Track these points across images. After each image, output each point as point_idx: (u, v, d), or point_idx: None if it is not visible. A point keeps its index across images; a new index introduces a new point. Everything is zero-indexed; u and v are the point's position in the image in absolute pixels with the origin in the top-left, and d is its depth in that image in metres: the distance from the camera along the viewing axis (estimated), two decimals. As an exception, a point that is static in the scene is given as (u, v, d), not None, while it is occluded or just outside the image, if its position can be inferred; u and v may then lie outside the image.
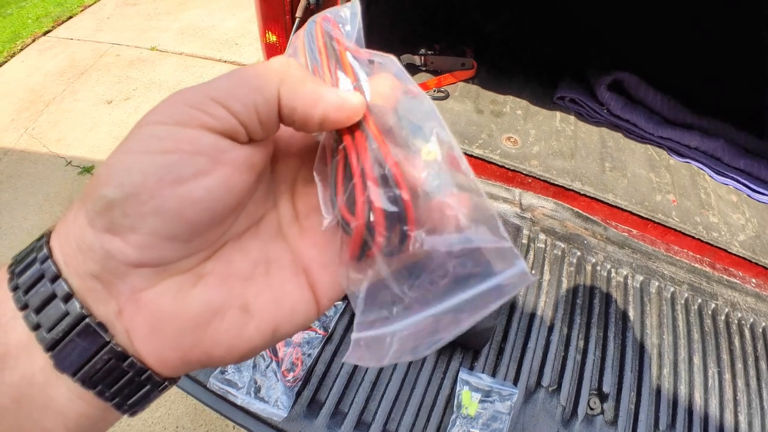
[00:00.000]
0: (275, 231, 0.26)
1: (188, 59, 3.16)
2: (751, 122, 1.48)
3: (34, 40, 3.35)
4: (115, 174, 0.20)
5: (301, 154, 0.28)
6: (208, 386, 0.85)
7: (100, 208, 0.20)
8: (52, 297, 0.21)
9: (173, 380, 0.24)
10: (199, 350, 0.22)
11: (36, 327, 0.20)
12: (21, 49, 3.28)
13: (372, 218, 0.21)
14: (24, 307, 0.21)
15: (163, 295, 0.21)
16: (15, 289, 0.21)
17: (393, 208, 0.21)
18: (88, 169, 2.44)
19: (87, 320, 0.20)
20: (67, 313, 0.20)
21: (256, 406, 0.84)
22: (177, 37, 3.37)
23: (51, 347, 0.20)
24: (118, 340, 0.21)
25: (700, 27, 1.56)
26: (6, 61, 3.19)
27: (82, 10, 3.69)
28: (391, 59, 0.24)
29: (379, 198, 0.21)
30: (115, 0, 3.85)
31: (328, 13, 0.28)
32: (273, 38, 1.18)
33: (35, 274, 0.21)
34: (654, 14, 1.61)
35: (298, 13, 1.06)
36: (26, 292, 0.21)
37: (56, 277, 0.21)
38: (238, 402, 0.84)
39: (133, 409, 0.23)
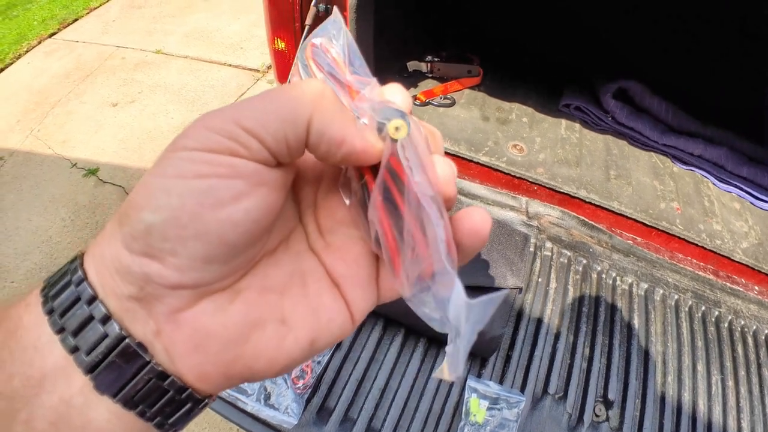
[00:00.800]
0: (305, 245, 0.26)
1: (193, 62, 3.17)
2: (753, 127, 1.49)
3: (39, 42, 3.37)
4: (152, 197, 0.20)
5: (319, 167, 0.28)
6: (218, 392, 0.86)
7: (138, 232, 0.20)
8: (90, 319, 0.21)
9: (212, 397, 0.24)
10: (240, 364, 0.22)
11: (74, 350, 0.20)
12: (27, 51, 3.29)
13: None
14: (60, 330, 0.21)
15: (202, 314, 0.22)
16: (50, 312, 0.21)
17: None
18: (93, 171, 2.45)
19: (127, 341, 0.20)
20: (105, 335, 0.20)
21: (266, 413, 0.84)
22: (182, 41, 3.38)
23: (90, 369, 0.20)
24: (158, 360, 0.21)
25: (703, 29, 1.57)
26: (12, 63, 3.20)
27: (88, 13, 3.71)
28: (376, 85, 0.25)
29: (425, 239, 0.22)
30: (121, 3, 3.86)
31: (315, 39, 0.27)
32: (282, 45, 1.20)
33: (71, 296, 0.21)
34: (658, 19, 1.62)
35: (308, 21, 1.07)
36: (62, 315, 0.21)
37: (93, 299, 0.21)
38: (248, 409, 0.85)
39: (174, 428, 0.23)
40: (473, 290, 0.89)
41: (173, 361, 0.21)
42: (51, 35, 3.45)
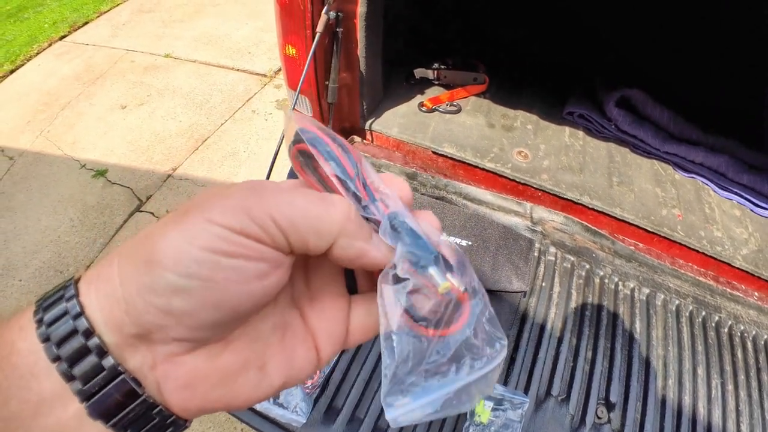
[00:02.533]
0: (289, 301, 0.29)
1: (202, 67, 3.21)
2: (753, 129, 1.51)
3: (50, 45, 3.42)
4: (182, 263, 0.22)
5: None
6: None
7: (162, 289, 0.22)
8: (87, 351, 0.22)
9: (190, 421, 0.26)
10: (222, 402, 0.25)
11: (70, 378, 0.22)
12: (37, 53, 3.35)
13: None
14: (56, 358, 0.22)
15: (197, 358, 0.24)
16: (46, 340, 0.22)
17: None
18: (101, 173, 2.48)
19: (123, 377, 0.22)
20: (102, 368, 0.22)
21: (275, 412, 0.86)
22: (191, 45, 3.42)
23: (86, 398, 0.22)
24: (148, 391, 0.23)
25: (703, 29, 1.59)
26: (22, 65, 3.25)
27: (98, 17, 3.76)
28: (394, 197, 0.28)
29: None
30: (131, 7, 3.92)
31: (298, 139, 0.28)
32: (293, 51, 1.22)
33: (67, 328, 0.22)
34: (657, 19, 1.64)
35: (319, 28, 1.09)
36: (59, 345, 0.22)
37: (90, 332, 0.22)
38: (257, 407, 0.87)
39: None
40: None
41: (162, 393, 0.23)
42: (61, 38, 3.50)
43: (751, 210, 1.38)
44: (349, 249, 0.25)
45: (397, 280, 0.25)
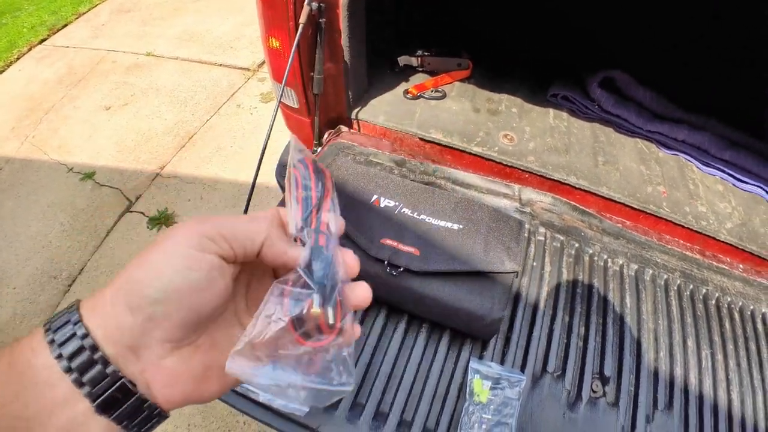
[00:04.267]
0: (233, 316, 0.37)
1: (185, 64, 3.18)
2: (755, 134, 1.53)
3: (30, 49, 3.36)
4: (157, 280, 0.29)
5: (254, 264, 0.37)
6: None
7: (145, 303, 0.29)
8: (94, 363, 0.28)
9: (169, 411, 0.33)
10: (195, 395, 0.33)
11: (81, 384, 0.28)
12: (18, 58, 3.29)
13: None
14: (68, 370, 0.28)
15: (175, 361, 0.31)
16: (59, 357, 0.28)
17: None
18: (89, 175, 2.46)
19: (123, 380, 0.29)
20: (106, 375, 0.29)
21: (278, 403, 0.86)
22: (173, 42, 3.38)
23: (94, 399, 0.29)
24: (141, 390, 0.30)
25: (703, 38, 1.61)
26: (3, 70, 3.20)
27: (77, 18, 3.70)
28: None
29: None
30: (110, 7, 3.86)
31: (297, 159, 0.39)
32: (276, 44, 1.21)
33: (76, 346, 0.28)
34: (645, 16, 1.65)
35: (302, 19, 1.09)
36: (70, 359, 0.28)
37: (95, 348, 0.29)
38: (260, 399, 0.87)
39: None
40: (473, 276, 0.93)
41: (150, 390, 0.31)
42: (41, 41, 3.44)
43: (734, 185, 1.40)
44: (272, 247, 0.33)
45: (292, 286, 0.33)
